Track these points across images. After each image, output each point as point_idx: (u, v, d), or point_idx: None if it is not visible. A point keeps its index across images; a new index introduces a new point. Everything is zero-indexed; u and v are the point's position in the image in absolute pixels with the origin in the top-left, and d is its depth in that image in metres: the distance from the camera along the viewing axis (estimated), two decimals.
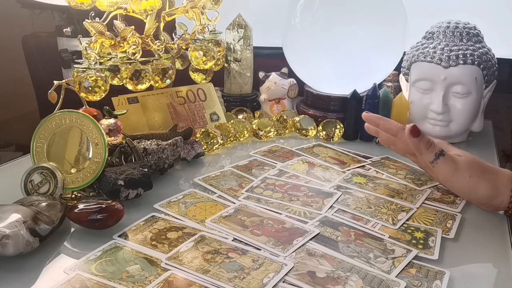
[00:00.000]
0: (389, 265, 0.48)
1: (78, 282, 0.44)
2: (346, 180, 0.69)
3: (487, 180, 0.57)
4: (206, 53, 0.84)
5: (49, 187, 0.59)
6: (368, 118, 0.66)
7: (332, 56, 0.88)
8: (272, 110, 0.99)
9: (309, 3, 0.88)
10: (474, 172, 0.57)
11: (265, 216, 0.57)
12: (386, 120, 0.65)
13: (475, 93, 0.81)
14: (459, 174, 0.57)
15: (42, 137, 0.62)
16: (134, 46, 0.76)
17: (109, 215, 0.53)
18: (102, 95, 0.72)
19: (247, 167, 0.73)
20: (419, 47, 0.85)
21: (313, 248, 0.51)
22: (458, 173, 0.57)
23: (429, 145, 0.58)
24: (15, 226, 0.47)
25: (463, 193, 0.60)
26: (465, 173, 0.57)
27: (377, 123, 0.65)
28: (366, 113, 0.66)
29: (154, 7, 0.80)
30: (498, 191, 0.57)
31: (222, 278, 0.45)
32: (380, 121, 0.65)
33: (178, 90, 0.86)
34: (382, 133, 0.67)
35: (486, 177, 0.57)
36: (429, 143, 0.58)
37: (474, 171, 0.57)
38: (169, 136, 0.74)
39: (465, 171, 0.57)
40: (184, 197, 0.62)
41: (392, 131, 0.64)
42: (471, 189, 0.57)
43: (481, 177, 0.57)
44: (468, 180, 0.57)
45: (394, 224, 0.57)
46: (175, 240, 0.52)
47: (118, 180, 0.59)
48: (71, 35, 1.03)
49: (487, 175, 0.57)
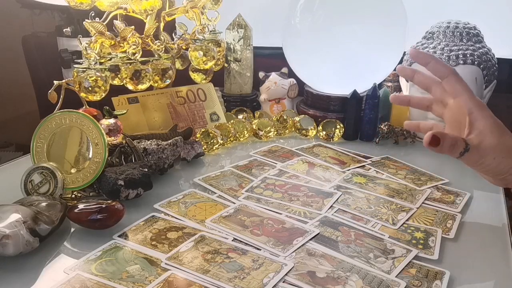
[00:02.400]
0: (389, 265, 0.48)
1: (78, 282, 0.44)
2: (346, 180, 0.69)
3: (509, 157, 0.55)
4: (206, 53, 0.84)
5: (49, 187, 0.59)
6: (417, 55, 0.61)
7: (332, 56, 0.88)
8: (272, 110, 0.99)
9: (309, 3, 0.88)
10: (498, 154, 0.55)
11: (265, 216, 0.57)
12: (437, 59, 0.60)
13: (475, 93, 0.81)
14: (483, 160, 0.56)
15: (42, 137, 0.62)
16: (134, 46, 0.76)
17: (109, 215, 0.53)
18: (102, 95, 0.72)
19: (247, 167, 0.73)
20: (419, 47, 0.85)
21: (313, 248, 0.51)
22: (483, 160, 0.56)
23: (452, 147, 0.54)
24: (15, 226, 0.47)
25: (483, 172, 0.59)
26: (489, 157, 0.55)
27: (428, 61, 0.60)
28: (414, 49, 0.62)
29: (154, 7, 0.80)
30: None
31: (222, 278, 0.45)
32: (431, 59, 0.60)
33: (178, 90, 0.86)
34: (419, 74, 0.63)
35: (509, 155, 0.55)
36: (452, 147, 0.54)
37: (498, 154, 0.55)
38: (169, 136, 0.74)
39: (489, 156, 0.55)
40: (184, 197, 0.62)
41: (442, 72, 0.59)
42: (493, 168, 0.56)
43: (506, 157, 0.55)
44: (491, 162, 0.55)
45: (394, 224, 0.57)
46: (175, 240, 0.52)
47: (118, 180, 0.59)
48: (71, 35, 1.03)
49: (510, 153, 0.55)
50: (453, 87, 0.59)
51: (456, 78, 0.59)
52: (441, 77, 0.60)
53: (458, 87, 0.58)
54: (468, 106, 0.57)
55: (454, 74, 0.59)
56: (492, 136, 0.55)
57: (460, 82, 0.58)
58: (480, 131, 0.56)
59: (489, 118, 0.56)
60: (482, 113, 0.57)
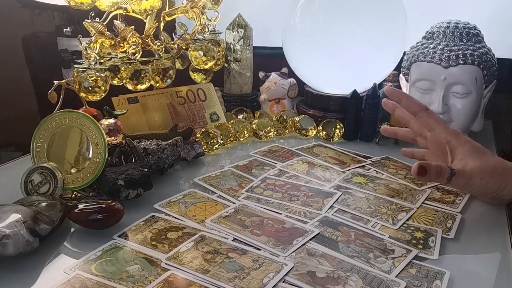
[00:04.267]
0: (389, 265, 0.48)
1: (78, 282, 0.44)
2: (346, 180, 0.69)
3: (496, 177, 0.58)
4: (206, 53, 0.84)
5: (49, 187, 0.59)
6: (391, 93, 0.66)
7: (332, 56, 0.88)
8: (272, 110, 0.99)
9: (309, 3, 0.88)
10: (485, 174, 0.58)
11: (265, 216, 0.57)
12: (409, 97, 0.65)
13: (475, 93, 0.81)
14: (471, 182, 0.58)
15: (42, 137, 0.62)
16: (134, 46, 0.76)
17: (109, 215, 0.53)
18: (102, 95, 0.72)
19: (247, 167, 0.73)
20: (419, 47, 0.85)
21: (313, 248, 0.51)
22: (471, 182, 0.58)
23: (438, 174, 0.56)
24: (15, 226, 0.47)
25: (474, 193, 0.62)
26: (476, 178, 0.57)
27: (400, 99, 0.65)
28: (389, 87, 0.66)
29: (154, 7, 0.80)
30: (505, 184, 0.58)
31: (222, 278, 0.45)
32: (403, 96, 0.65)
33: (178, 90, 0.86)
34: (399, 109, 0.67)
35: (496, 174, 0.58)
36: (438, 173, 0.56)
37: (484, 174, 0.58)
38: (169, 136, 0.74)
39: (476, 177, 0.58)
40: (184, 197, 0.62)
41: (413, 109, 0.64)
42: (482, 188, 0.59)
43: (491, 176, 0.58)
44: (479, 183, 0.58)
45: (394, 224, 0.57)
46: (175, 240, 0.52)
47: (118, 180, 0.59)
48: (71, 35, 1.03)
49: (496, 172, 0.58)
50: (426, 122, 0.63)
51: (427, 113, 0.63)
52: (413, 113, 0.64)
53: (431, 121, 0.63)
54: (444, 136, 0.61)
55: (424, 110, 0.63)
56: (474, 158, 0.58)
57: (431, 116, 0.63)
58: (462, 156, 0.59)
59: (466, 143, 0.60)
60: (458, 140, 0.60)
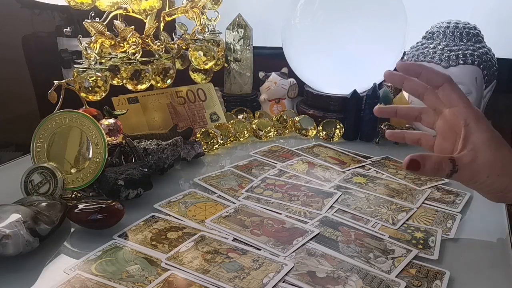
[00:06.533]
0: (389, 265, 0.48)
1: (78, 282, 0.44)
2: (346, 180, 0.69)
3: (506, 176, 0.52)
4: (206, 53, 0.84)
5: (49, 187, 0.59)
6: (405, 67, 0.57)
7: (332, 56, 0.88)
8: (272, 110, 0.99)
9: (309, 3, 0.88)
10: (493, 172, 0.51)
11: (265, 216, 0.57)
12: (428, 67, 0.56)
13: (475, 93, 0.81)
14: (476, 179, 0.52)
15: (42, 137, 0.62)
16: (134, 46, 0.76)
17: (109, 215, 0.53)
18: (102, 95, 0.72)
19: (247, 167, 0.73)
20: (419, 47, 0.85)
21: (313, 248, 0.51)
22: (475, 179, 0.52)
23: (435, 171, 0.50)
24: (15, 226, 0.47)
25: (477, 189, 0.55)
26: (482, 175, 0.51)
27: (418, 72, 0.56)
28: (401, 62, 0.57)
29: (154, 7, 0.79)
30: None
31: (222, 278, 0.45)
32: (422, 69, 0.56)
33: (178, 90, 0.86)
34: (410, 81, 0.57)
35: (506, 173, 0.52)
36: (435, 170, 0.50)
37: (492, 172, 0.51)
38: (169, 136, 0.74)
39: (482, 174, 0.51)
40: (184, 197, 0.62)
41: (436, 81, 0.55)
42: (487, 186, 0.53)
43: (500, 174, 0.51)
44: (484, 180, 0.52)
45: (394, 224, 0.57)
46: (175, 240, 0.52)
47: (118, 180, 0.59)
48: (71, 35, 1.03)
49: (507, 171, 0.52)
50: (449, 96, 0.54)
51: (452, 87, 0.54)
52: (435, 86, 0.55)
53: (454, 96, 0.54)
54: (464, 117, 0.53)
55: (449, 82, 0.54)
56: (489, 151, 0.51)
57: (456, 91, 0.54)
58: (475, 146, 0.51)
59: (485, 132, 0.52)
60: (478, 126, 0.52)
